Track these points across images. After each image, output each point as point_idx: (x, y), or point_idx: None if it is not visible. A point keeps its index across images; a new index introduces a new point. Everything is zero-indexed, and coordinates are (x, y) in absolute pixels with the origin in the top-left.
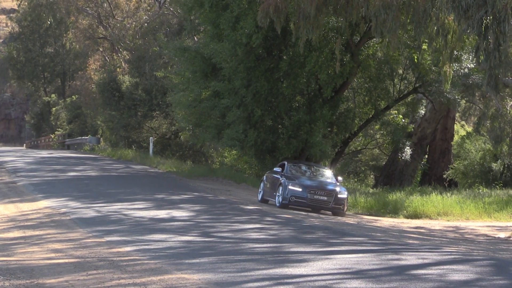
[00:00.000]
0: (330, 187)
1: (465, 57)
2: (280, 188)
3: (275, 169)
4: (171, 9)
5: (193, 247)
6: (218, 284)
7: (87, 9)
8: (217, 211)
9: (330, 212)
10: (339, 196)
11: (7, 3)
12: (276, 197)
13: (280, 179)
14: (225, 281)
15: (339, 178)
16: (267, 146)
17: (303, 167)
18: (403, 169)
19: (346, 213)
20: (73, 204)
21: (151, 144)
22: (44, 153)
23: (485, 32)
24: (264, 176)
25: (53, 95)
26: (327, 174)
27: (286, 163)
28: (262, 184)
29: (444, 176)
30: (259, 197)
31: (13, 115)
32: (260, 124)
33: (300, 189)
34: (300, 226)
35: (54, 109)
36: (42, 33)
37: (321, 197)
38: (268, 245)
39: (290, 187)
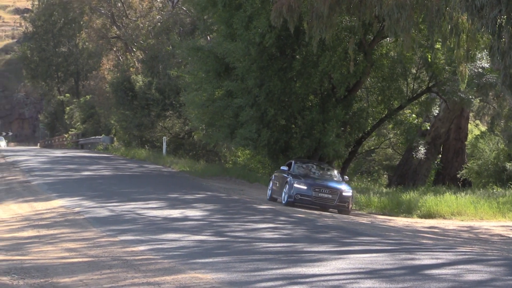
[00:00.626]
0: (335, 185)
1: (479, 56)
2: (286, 186)
3: (282, 168)
4: (184, 8)
5: (206, 247)
6: (231, 283)
7: (101, 8)
8: (231, 210)
9: (336, 210)
10: (344, 194)
11: (21, 3)
12: (283, 195)
13: (287, 177)
14: (239, 280)
15: (345, 177)
16: (280, 146)
17: (310, 166)
18: (416, 168)
19: (361, 212)
20: (87, 203)
21: (164, 144)
22: (58, 153)
23: (499, 32)
24: (273, 175)
25: (67, 94)
26: (334, 172)
27: (293, 162)
28: (271, 183)
29: (458, 175)
30: (268, 195)
31: (27, 115)
32: (273, 123)
33: (305, 187)
34: (313, 226)
35: (68, 108)
36: (55, 33)
37: (326, 195)
38: (282, 244)
39: (295, 185)
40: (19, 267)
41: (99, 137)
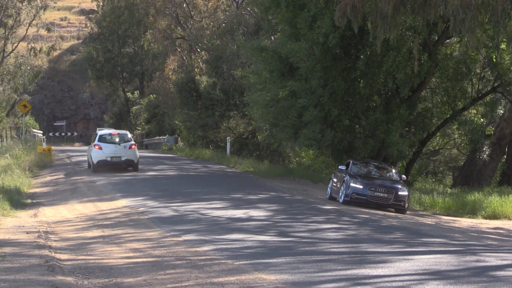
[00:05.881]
0: (391, 184)
1: None
2: (344, 185)
3: (340, 167)
4: (249, 9)
5: (270, 247)
6: (295, 284)
7: (166, 9)
8: (294, 211)
9: (393, 210)
10: (399, 193)
11: (86, 4)
12: (340, 194)
13: (344, 176)
14: (302, 281)
15: (403, 176)
16: (344, 146)
17: (368, 165)
18: (481, 169)
19: (425, 213)
20: (151, 203)
21: (228, 144)
22: None
23: None
24: (332, 175)
25: (136, 92)
26: (391, 172)
27: (351, 161)
28: (330, 182)
29: None
30: (328, 194)
31: (92, 115)
32: (337, 123)
33: (361, 186)
34: (377, 226)
35: (134, 108)
36: (121, 34)
37: (382, 194)
38: (346, 245)
39: (352, 184)
40: (84, 267)
41: (163, 137)
